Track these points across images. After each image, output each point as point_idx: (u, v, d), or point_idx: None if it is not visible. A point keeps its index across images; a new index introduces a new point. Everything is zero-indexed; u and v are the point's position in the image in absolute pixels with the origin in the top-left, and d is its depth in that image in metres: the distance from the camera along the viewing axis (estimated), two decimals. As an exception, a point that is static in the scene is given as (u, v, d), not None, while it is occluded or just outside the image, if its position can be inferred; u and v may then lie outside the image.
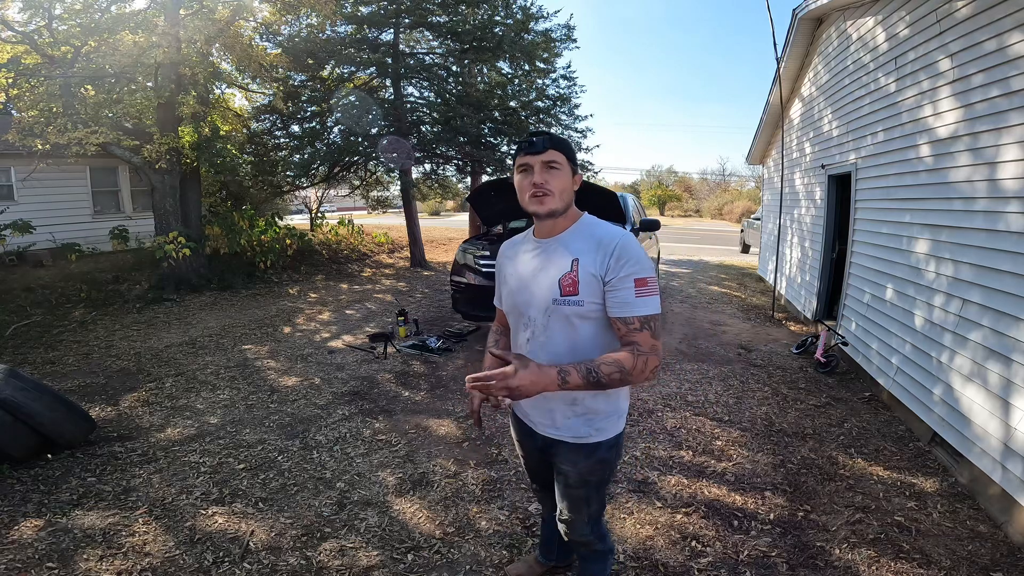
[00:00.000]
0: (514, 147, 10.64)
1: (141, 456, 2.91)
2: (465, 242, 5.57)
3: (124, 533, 2.23)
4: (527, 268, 1.38)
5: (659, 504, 2.45)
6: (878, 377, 3.77)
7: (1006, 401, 2.37)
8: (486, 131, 9.91)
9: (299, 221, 12.91)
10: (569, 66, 11.45)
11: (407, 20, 9.07)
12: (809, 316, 5.68)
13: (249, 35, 7.75)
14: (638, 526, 2.29)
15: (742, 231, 14.86)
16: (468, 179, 12.06)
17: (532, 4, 10.02)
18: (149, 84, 7.21)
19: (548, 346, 1.32)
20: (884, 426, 3.33)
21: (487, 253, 4.97)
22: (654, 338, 1.23)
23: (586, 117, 14.56)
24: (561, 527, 1.58)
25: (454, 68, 9.92)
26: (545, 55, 10.42)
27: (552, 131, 2.11)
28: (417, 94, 10.40)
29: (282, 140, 10.07)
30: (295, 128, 9.92)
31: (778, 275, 7.09)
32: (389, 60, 9.12)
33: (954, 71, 2.95)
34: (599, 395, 1.36)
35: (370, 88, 9.78)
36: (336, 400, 3.71)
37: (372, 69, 9.37)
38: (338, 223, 11.60)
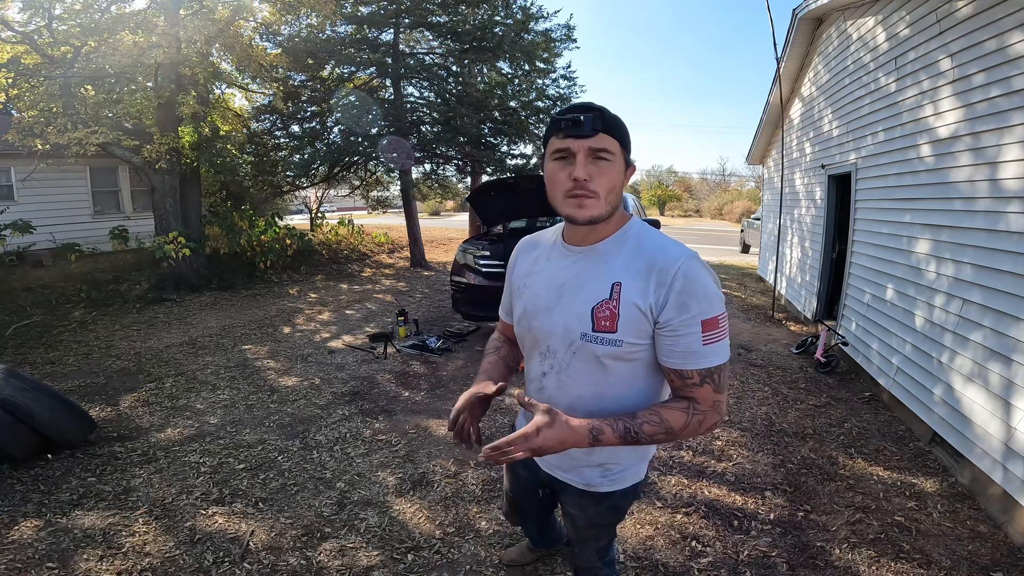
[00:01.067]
0: (514, 147, 10.75)
1: (141, 456, 2.91)
2: (465, 242, 5.57)
3: (124, 533, 2.23)
4: (550, 284, 1.07)
5: (659, 504, 2.45)
6: (878, 377, 3.77)
7: (1007, 402, 2.36)
8: (486, 131, 9.92)
9: (299, 221, 12.91)
10: (569, 66, 11.46)
11: (407, 20, 9.07)
12: (809, 316, 5.68)
13: (249, 35, 7.74)
14: (638, 526, 2.29)
15: (742, 231, 14.85)
16: (468, 179, 12.06)
17: (532, 4, 10.02)
18: (149, 84, 7.21)
19: (569, 387, 1.06)
20: (884, 426, 3.33)
21: (487, 253, 4.97)
22: (717, 392, 0.97)
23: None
24: (567, 550, 1.49)
25: (454, 68, 9.92)
26: (545, 55, 10.42)
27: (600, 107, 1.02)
28: (417, 94, 10.40)
29: (282, 140, 10.07)
30: (295, 128, 9.92)
31: (778, 275, 7.09)
32: (389, 60, 9.12)
33: (954, 71, 2.95)
34: (624, 447, 1.10)
35: (370, 88, 9.78)
36: (336, 400, 3.71)
37: (372, 69, 9.37)
38: (338, 223, 11.59)
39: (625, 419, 0.95)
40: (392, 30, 9.21)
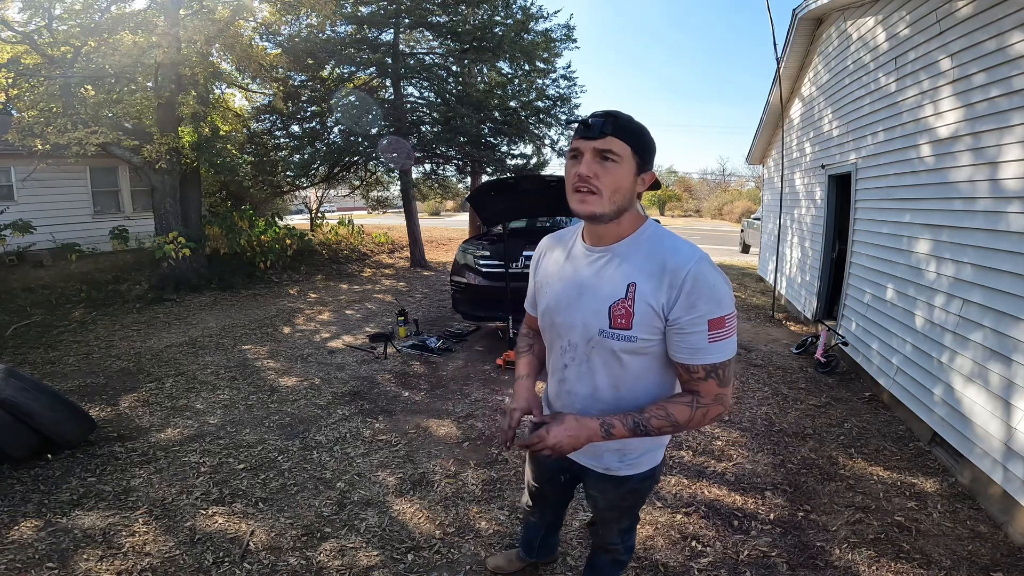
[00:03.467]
0: (514, 147, 10.75)
1: (141, 456, 2.91)
2: (465, 242, 5.57)
3: (124, 533, 2.23)
4: (571, 282, 1.15)
5: (659, 504, 2.45)
6: (878, 377, 3.77)
7: (1007, 402, 2.36)
8: (486, 131, 9.91)
9: (299, 221, 12.91)
10: (569, 66, 11.45)
11: (407, 20, 9.07)
12: (809, 316, 5.68)
13: (249, 35, 7.73)
14: (638, 526, 2.29)
15: (742, 231, 14.86)
16: (468, 179, 12.06)
17: (532, 4, 10.01)
18: (149, 84, 7.21)
19: (587, 378, 1.15)
20: (884, 426, 3.33)
21: (487, 253, 4.97)
22: (721, 386, 1.05)
23: (586, 117, 14.53)
24: (591, 529, 1.53)
25: (454, 68, 9.92)
26: (545, 55, 10.41)
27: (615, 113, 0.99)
28: (417, 94, 10.40)
29: (282, 140, 10.07)
30: (295, 128, 9.92)
31: (778, 275, 7.09)
32: (389, 60, 9.12)
33: (955, 71, 2.95)
34: None
35: (370, 88, 9.78)
36: (336, 400, 3.71)
37: (372, 69, 9.37)
38: (338, 223, 11.59)
39: (634, 414, 1.05)
40: (392, 30, 9.21)
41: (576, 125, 1.04)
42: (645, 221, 1.12)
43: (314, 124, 9.72)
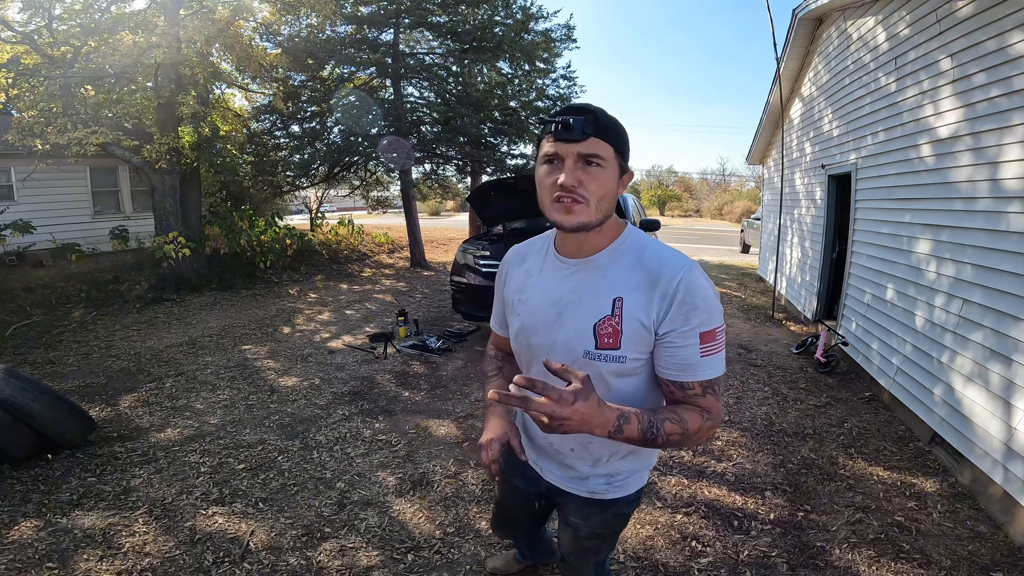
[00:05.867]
0: (514, 147, 10.74)
1: (141, 456, 2.91)
2: (465, 242, 5.57)
3: (124, 533, 2.23)
4: (546, 299, 1.03)
5: (659, 504, 2.45)
6: (878, 377, 3.77)
7: (1007, 402, 2.36)
8: (486, 131, 9.92)
9: (299, 221, 12.91)
10: (569, 66, 11.48)
11: (407, 20, 9.07)
12: (809, 316, 5.68)
13: (249, 35, 7.73)
14: (638, 526, 2.29)
15: (742, 231, 14.85)
16: (468, 179, 12.06)
17: (532, 4, 10.02)
18: (149, 84, 7.21)
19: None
20: (884, 426, 3.33)
21: (487, 253, 4.97)
22: (718, 402, 0.99)
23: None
24: (561, 565, 1.42)
25: (454, 68, 9.93)
26: (545, 55, 10.42)
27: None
28: (417, 94, 10.40)
29: (282, 140, 10.07)
30: (295, 128, 9.92)
31: (778, 275, 7.09)
32: (389, 60, 9.12)
33: (955, 71, 2.95)
34: (631, 455, 1.12)
35: (370, 88, 9.78)
36: (336, 400, 3.71)
37: (372, 69, 9.37)
38: (338, 223, 11.59)
39: (649, 414, 0.92)
40: (392, 30, 9.21)
41: (552, 124, 0.90)
42: (625, 227, 1.02)
43: (314, 124, 9.72)
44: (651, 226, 5.52)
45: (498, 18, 9.69)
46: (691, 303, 0.91)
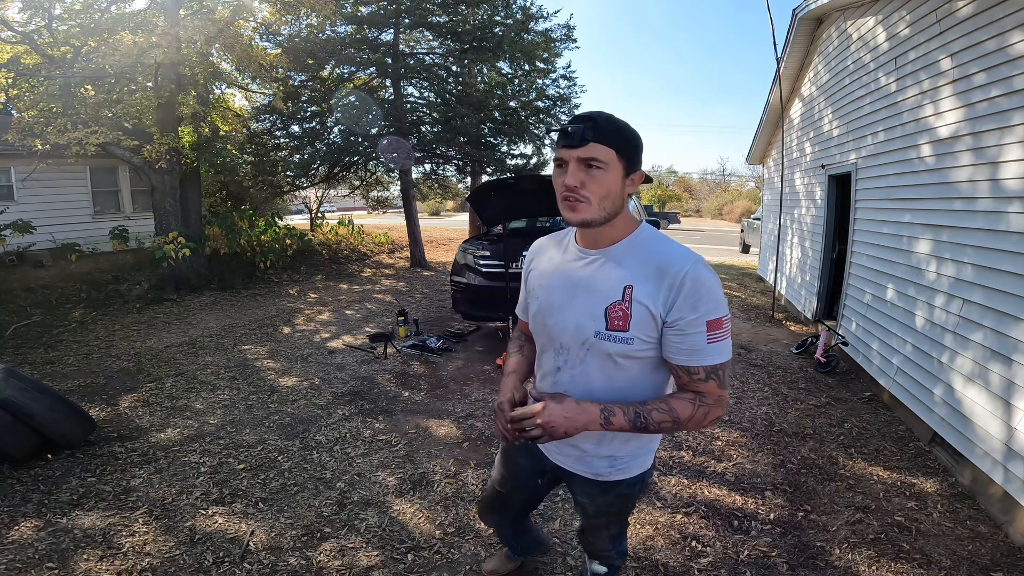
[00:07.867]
0: (514, 147, 10.75)
1: (141, 456, 2.91)
2: (465, 242, 5.57)
3: (124, 533, 2.23)
4: (564, 284, 1.14)
5: (659, 504, 2.45)
6: (878, 377, 3.76)
7: (1007, 402, 2.36)
8: (486, 131, 9.92)
9: (299, 221, 12.91)
10: (569, 66, 11.49)
11: (407, 20, 9.07)
12: (809, 316, 5.68)
13: (249, 35, 7.74)
14: (638, 526, 2.29)
15: (742, 231, 14.86)
16: (468, 179, 12.06)
17: (532, 4, 10.03)
18: (149, 84, 7.21)
19: (581, 382, 1.13)
20: (884, 426, 3.33)
21: (487, 253, 4.97)
22: (721, 388, 1.05)
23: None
24: (580, 538, 1.53)
25: (454, 68, 9.93)
26: (545, 55, 10.43)
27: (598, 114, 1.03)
28: (417, 94, 10.40)
29: (282, 140, 10.07)
30: (295, 128, 9.92)
31: (778, 275, 7.09)
32: (389, 60, 9.12)
33: (955, 71, 2.95)
34: (633, 439, 1.19)
35: (370, 88, 9.78)
36: (336, 400, 3.71)
37: (372, 69, 9.37)
38: (338, 223, 11.59)
39: (636, 405, 1.04)
40: (392, 30, 9.21)
41: (560, 133, 1.02)
42: (639, 224, 1.12)
43: (314, 124, 9.72)
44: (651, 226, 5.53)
45: (498, 18, 9.69)
46: (696, 293, 1.00)
